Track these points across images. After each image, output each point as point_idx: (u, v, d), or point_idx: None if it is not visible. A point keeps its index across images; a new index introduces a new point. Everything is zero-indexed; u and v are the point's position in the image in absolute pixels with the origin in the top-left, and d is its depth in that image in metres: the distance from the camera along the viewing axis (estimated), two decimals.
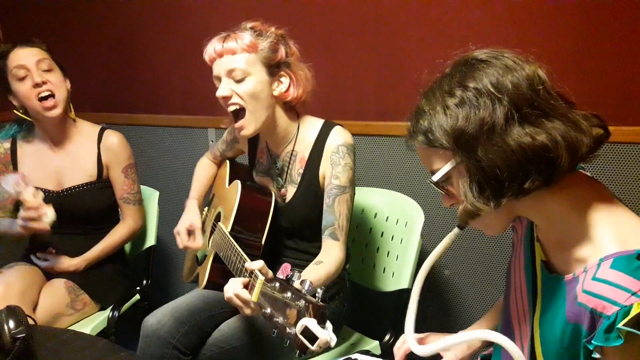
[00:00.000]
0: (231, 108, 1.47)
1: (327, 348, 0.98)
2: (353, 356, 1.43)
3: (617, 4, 1.55)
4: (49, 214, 1.72)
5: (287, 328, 1.00)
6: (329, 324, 0.97)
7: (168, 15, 2.40)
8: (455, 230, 1.05)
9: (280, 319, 1.02)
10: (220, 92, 1.46)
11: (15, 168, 1.93)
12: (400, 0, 1.85)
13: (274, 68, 1.48)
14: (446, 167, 0.92)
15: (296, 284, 1.05)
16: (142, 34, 2.51)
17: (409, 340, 1.05)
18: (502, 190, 0.86)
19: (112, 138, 1.98)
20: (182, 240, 1.65)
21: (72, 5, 2.66)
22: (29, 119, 1.87)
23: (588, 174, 1.00)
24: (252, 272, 1.21)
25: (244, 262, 1.30)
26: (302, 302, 0.98)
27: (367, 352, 1.64)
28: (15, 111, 1.87)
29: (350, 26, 1.97)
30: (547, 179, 0.86)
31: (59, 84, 1.83)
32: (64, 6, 2.67)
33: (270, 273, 1.23)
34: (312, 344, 0.96)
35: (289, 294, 1.02)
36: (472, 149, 0.87)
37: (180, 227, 1.67)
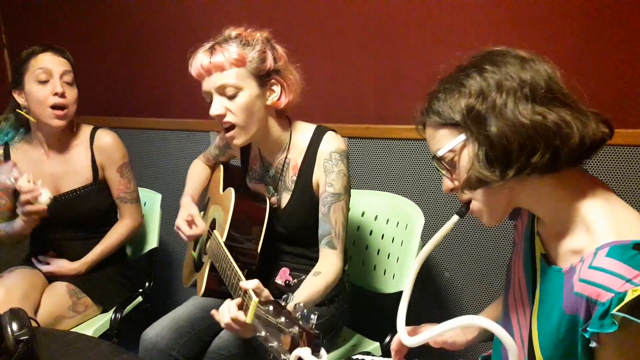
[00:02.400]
0: (226, 125, 1.45)
1: None
2: (354, 356, 1.44)
3: (617, 7, 1.55)
4: (44, 195, 1.71)
5: (282, 354, 0.98)
6: (323, 352, 0.95)
7: (171, 19, 2.41)
8: (454, 218, 1.04)
9: (274, 344, 1.00)
10: (213, 111, 1.43)
11: None
12: (401, 3, 1.87)
13: (264, 78, 1.45)
14: (453, 142, 0.94)
15: (290, 307, 1.03)
16: (145, 37, 2.52)
17: (399, 331, 1.04)
18: (510, 161, 0.88)
19: (105, 138, 1.95)
20: (184, 231, 1.61)
21: (76, 9, 2.67)
22: (32, 119, 1.84)
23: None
24: (246, 291, 1.19)
25: (239, 280, 1.27)
26: (295, 329, 0.96)
27: (367, 354, 1.65)
28: (18, 110, 1.85)
29: (351, 29, 1.98)
30: (555, 156, 0.87)
31: (73, 101, 1.85)
32: (68, 10, 2.69)
33: (265, 292, 1.21)
34: None
35: (282, 319, 1.00)
36: (482, 121, 0.89)
37: (179, 222, 1.63)
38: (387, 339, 1.70)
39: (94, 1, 2.58)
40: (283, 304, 1.06)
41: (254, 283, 1.20)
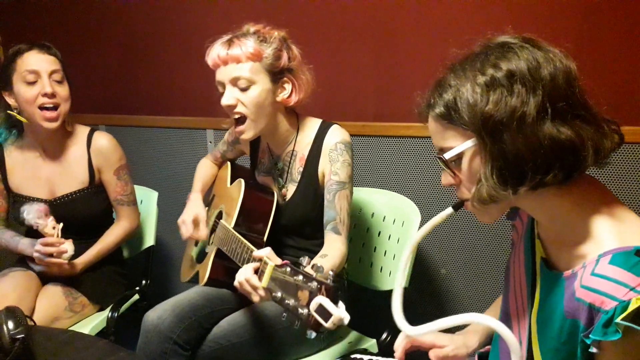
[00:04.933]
0: (235, 116, 1.50)
1: (339, 326, 1.00)
2: (352, 356, 1.44)
3: (616, 4, 1.55)
4: (68, 250, 1.74)
5: (299, 309, 1.01)
6: (341, 304, 0.98)
7: (168, 17, 2.40)
8: (449, 210, 1.02)
9: (291, 302, 1.04)
10: (225, 101, 1.48)
11: (3, 176, 1.90)
12: (399, 2, 1.86)
13: (277, 75, 1.50)
14: (462, 147, 0.90)
15: (307, 269, 1.07)
16: (142, 35, 2.51)
17: (398, 321, 1.03)
18: (524, 180, 0.85)
19: (102, 140, 1.93)
20: (187, 229, 1.64)
21: (72, 7, 2.66)
22: (23, 119, 1.81)
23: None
24: (260, 259, 1.24)
25: (251, 252, 1.32)
26: (314, 284, 1.00)
27: (364, 351, 1.65)
28: (9, 111, 1.81)
29: (349, 28, 1.98)
30: (568, 175, 0.86)
31: (65, 98, 1.80)
32: (64, 8, 2.68)
33: (278, 259, 1.24)
34: (326, 322, 0.96)
35: (300, 277, 1.04)
36: (498, 134, 0.84)
37: (186, 217, 1.66)
38: (384, 335, 1.71)
39: None
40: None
41: (267, 250, 1.26)
